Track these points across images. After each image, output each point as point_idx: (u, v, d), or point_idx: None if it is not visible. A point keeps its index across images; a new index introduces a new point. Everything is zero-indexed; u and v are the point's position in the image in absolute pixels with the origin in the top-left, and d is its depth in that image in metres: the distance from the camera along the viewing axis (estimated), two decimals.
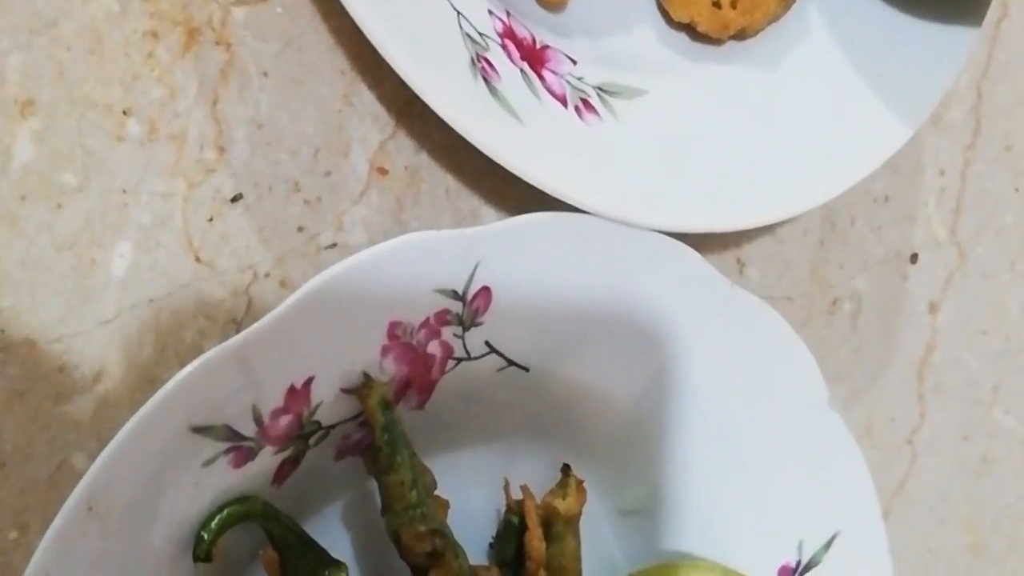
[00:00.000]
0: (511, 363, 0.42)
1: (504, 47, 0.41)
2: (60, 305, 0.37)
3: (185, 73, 0.39)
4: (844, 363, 0.58)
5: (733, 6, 0.45)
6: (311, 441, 0.38)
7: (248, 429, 0.35)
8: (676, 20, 0.46)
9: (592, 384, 0.44)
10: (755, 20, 0.46)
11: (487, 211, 0.46)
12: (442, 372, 0.40)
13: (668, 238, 0.42)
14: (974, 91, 0.62)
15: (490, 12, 0.41)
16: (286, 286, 0.41)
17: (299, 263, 0.41)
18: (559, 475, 0.44)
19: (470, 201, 0.45)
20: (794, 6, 0.48)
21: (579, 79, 0.44)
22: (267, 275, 0.41)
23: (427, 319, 0.39)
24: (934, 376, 0.61)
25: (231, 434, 0.35)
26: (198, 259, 0.40)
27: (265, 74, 0.40)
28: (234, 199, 0.40)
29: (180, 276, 0.39)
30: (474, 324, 0.40)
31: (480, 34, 0.40)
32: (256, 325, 0.34)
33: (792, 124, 0.47)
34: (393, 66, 0.36)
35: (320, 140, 0.42)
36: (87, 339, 0.38)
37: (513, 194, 0.45)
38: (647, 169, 0.43)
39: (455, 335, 0.40)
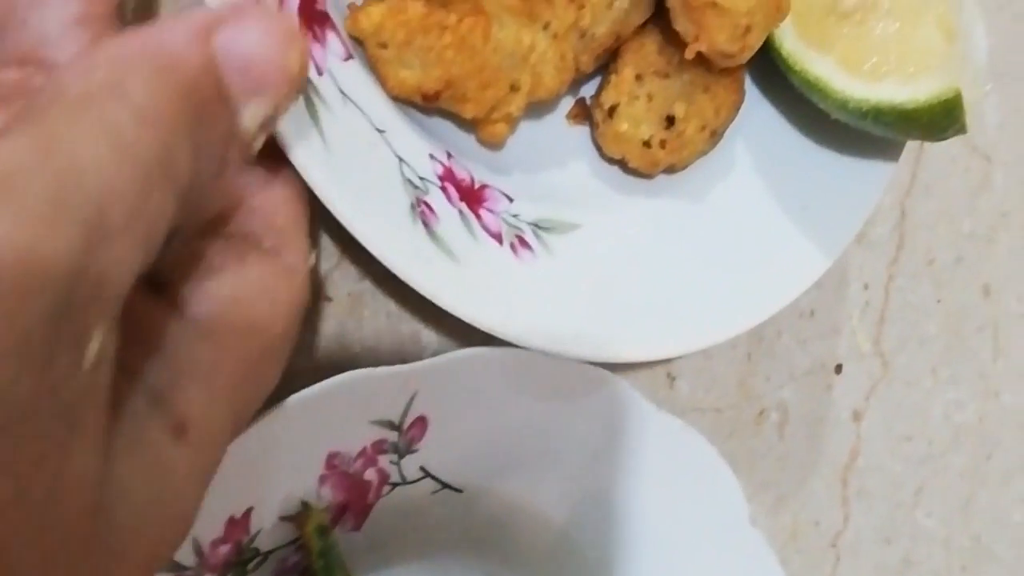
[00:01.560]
0: (445, 486, 0.44)
1: (444, 189, 0.43)
2: None
3: None
4: (771, 471, 0.60)
5: (662, 146, 0.47)
6: (249, 567, 0.40)
7: (188, 559, 0.37)
8: (608, 156, 0.49)
9: (524, 503, 0.46)
10: (683, 158, 0.49)
11: (428, 334, 0.48)
12: (378, 497, 0.42)
13: (597, 368, 0.44)
14: (898, 209, 0.65)
15: (431, 156, 0.43)
16: None
17: None
18: None
19: (411, 324, 0.47)
20: (724, 141, 0.51)
21: (515, 216, 0.45)
22: None
23: (364, 448, 0.41)
24: (858, 481, 0.64)
25: (172, 566, 0.37)
26: None
27: None
28: None
29: None
30: (410, 451, 0.42)
31: (421, 178, 0.42)
32: None
33: (719, 253, 0.50)
34: (336, 216, 0.38)
35: None
36: None
37: (453, 317, 0.47)
38: (579, 302, 0.45)
39: (391, 462, 0.42)
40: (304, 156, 0.37)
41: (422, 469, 0.43)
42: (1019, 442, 0.70)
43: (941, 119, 0.46)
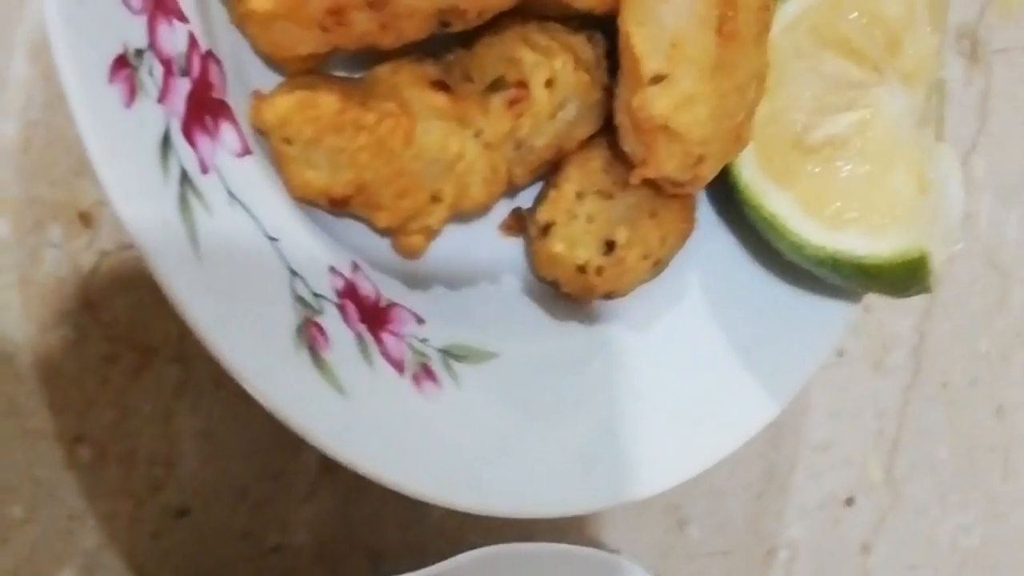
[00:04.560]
0: None
1: (342, 307, 0.38)
2: None
3: (139, 393, 0.39)
4: None
5: (599, 273, 0.43)
6: None
7: None
8: (540, 278, 0.44)
9: None
10: (621, 286, 0.44)
11: None
12: None
13: (615, 557, 0.43)
14: (916, 333, 0.63)
15: (332, 269, 0.38)
16: None
17: (242, 569, 0.42)
18: None
19: None
20: (672, 268, 0.46)
21: (423, 341, 0.41)
22: None
23: None
24: None
25: None
26: None
27: (218, 384, 0.41)
28: (180, 514, 0.40)
29: None
30: None
31: (315, 295, 0.37)
32: None
33: (658, 395, 0.45)
34: (200, 339, 0.33)
35: (269, 443, 0.42)
36: None
37: None
38: (484, 447, 0.40)
39: None
40: (168, 267, 0.32)
41: None
42: (1021, 562, 0.69)
43: (904, 278, 0.42)
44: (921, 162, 0.43)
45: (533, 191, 0.45)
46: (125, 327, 0.38)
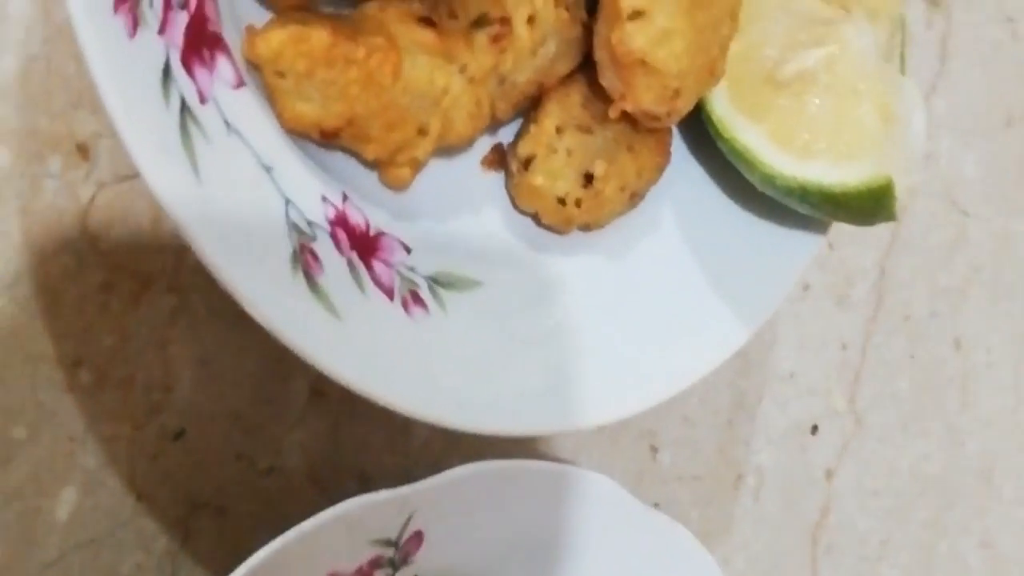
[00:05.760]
0: None
1: (334, 236, 0.39)
2: (4, 553, 0.39)
3: (137, 320, 0.40)
4: (745, 534, 0.61)
5: (578, 205, 0.45)
6: None
7: None
8: (521, 209, 0.46)
9: None
10: (599, 218, 0.46)
11: (419, 425, 0.47)
12: None
13: (589, 473, 0.45)
14: (877, 268, 0.65)
15: (324, 198, 0.40)
16: (223, 514, 0.43)
17: (236, 490, 0.43)
18: None
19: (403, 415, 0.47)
20: (648, 200, 0.48)
21: (411, 269, 0.42)
22: (205, 505, 0.42)
23: (361, 567, 0.41)
24: (827, 538, 0.65)
25: None
26: (139, 496, 0.41)
27: (213, 313, 0.42)
28: (177, 436, 0.41)
29: (121, 514, 0.41)
30: (404, 564, 0.42)
31: (309, 223, 0.39)
32: None
33: (632, 322, 0.47)
34: (203, 261, 0.34)
35: (262, 370, 0.43)
36: None
37: None
38: (469, 368, 0.42)
39: (386, 575, 0.42)
40: (171, 191, 0.33)
41: None
42: (979, 489, 0.71)
43: (869, 206, 0.44)
44: (886, 95, 0.44)
45: (513, 129, 0.47)
46: (123, 256, 0.39)
